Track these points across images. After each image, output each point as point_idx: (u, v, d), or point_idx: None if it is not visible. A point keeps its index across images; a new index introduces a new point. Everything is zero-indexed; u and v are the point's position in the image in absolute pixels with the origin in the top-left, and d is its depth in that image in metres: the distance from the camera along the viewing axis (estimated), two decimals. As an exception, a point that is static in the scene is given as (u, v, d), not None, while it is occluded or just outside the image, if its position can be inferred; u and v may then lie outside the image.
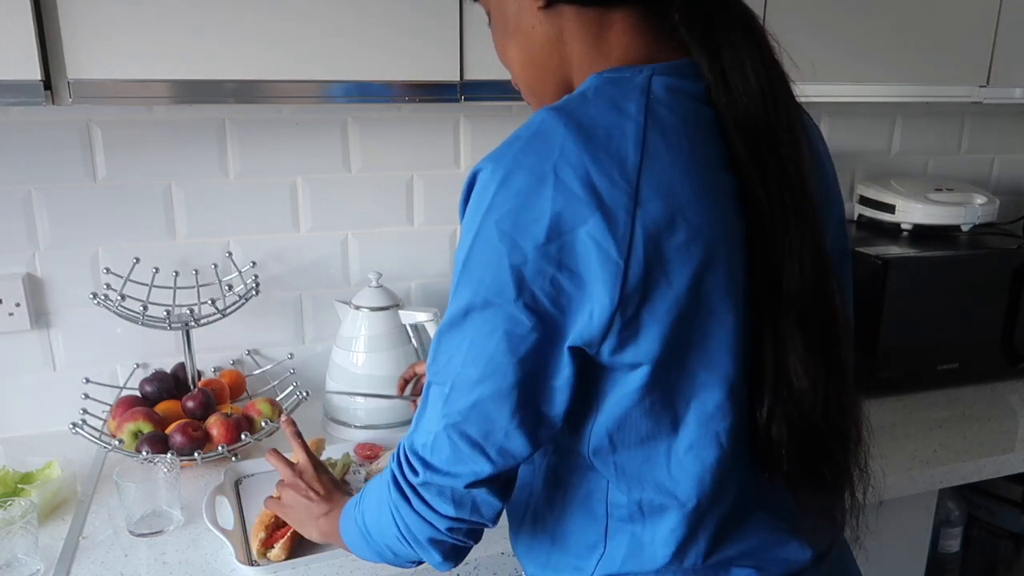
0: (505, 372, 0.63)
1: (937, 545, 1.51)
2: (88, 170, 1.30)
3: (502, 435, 0.65)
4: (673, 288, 0.62)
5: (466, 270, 0.63)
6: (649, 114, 0.62)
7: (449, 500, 0.69)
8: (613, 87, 0.65)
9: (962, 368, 1.54)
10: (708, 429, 0.67)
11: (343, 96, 1.10)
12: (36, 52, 0.93)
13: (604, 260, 0.60)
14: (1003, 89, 1.47)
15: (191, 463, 1.18)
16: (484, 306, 0.62)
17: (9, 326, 1.30)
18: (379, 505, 0.75)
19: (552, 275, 0.60)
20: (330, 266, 1.47)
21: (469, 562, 1.00)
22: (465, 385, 0.64)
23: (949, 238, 1.59)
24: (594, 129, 0.61)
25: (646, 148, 0.61)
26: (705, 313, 0.64)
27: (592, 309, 0.61)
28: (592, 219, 0.59)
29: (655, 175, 0.61)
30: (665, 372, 0.64)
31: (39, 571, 0.97)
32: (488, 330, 0.62)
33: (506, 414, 0.64)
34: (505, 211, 0.60)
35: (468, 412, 0.65)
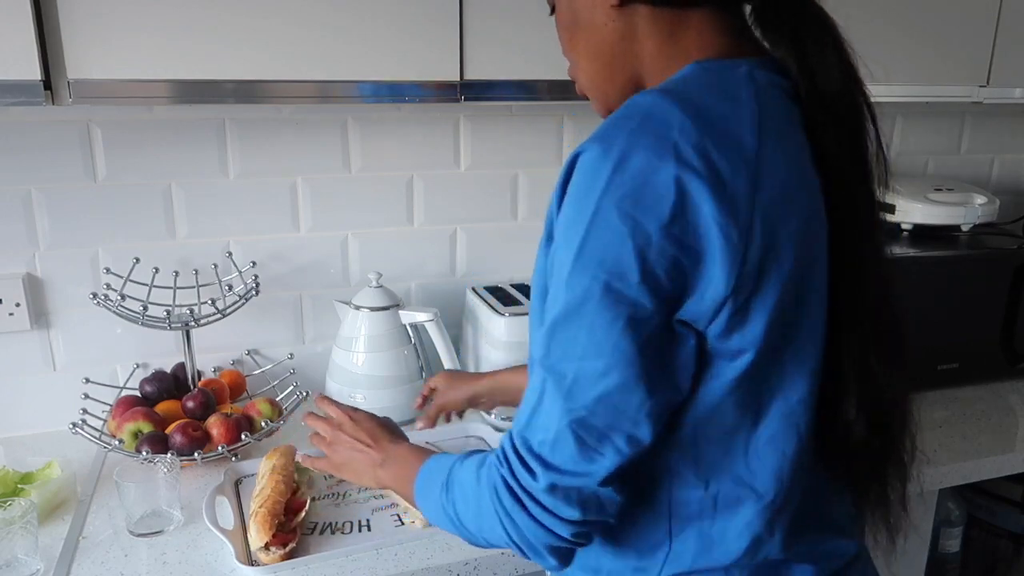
0: (631, 360, 0.60)
1: (937, 545, 1.51)
2: (88, 170, 1.30)
3: (630, 425, 0.62)
4: (781, 276, 0.63)
5: (583, 255, 0.60)
6: (759, 102, 0.63)
7: (575, 503, 0.64)
8: (715, 76, 0.66)
9: (962, 368, 1.54)
10: (790, 421, 0.67)
11: (343, 96, 1.10)
12: (36, 52, 0.93)
13: (725, 242, 0.59)
14: (1003, 89, 1.47)
15: (191, 463, 1.18)
16: (605, 292, 0.60)
17: (9, 326, 1.30)
18: (479, 506, 0.70)
19: (674, 255, 0.59)
20: (330, 266, 1.47)
21: (469, 562, 1.00)
22: (589, 377, 0.61)
23: (949, 238, 1.59)
24: (709, 112, 0.61)
25: (762, 134, 0.62)
26: (800, 304, 0.65)
27: (706, 291, 0.61)
28: (716, 200, 0.59)
29: (771, 162, 0.62)
30: (764, 362, 0.65)
31: (39, 571, 0.97)
32: (610, 317, 0.60)
33: (635, 403, 0.62)
34: (625, 191, 0.59)
35: (594, 405, 0.62)
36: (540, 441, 0.65)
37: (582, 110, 1.55)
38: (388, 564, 0.99)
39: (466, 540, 0.76)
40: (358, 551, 1.00)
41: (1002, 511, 1.60)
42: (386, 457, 0.91)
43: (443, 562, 0.99)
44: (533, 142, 1.54)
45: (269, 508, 1.00)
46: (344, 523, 1.07)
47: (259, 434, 1.23)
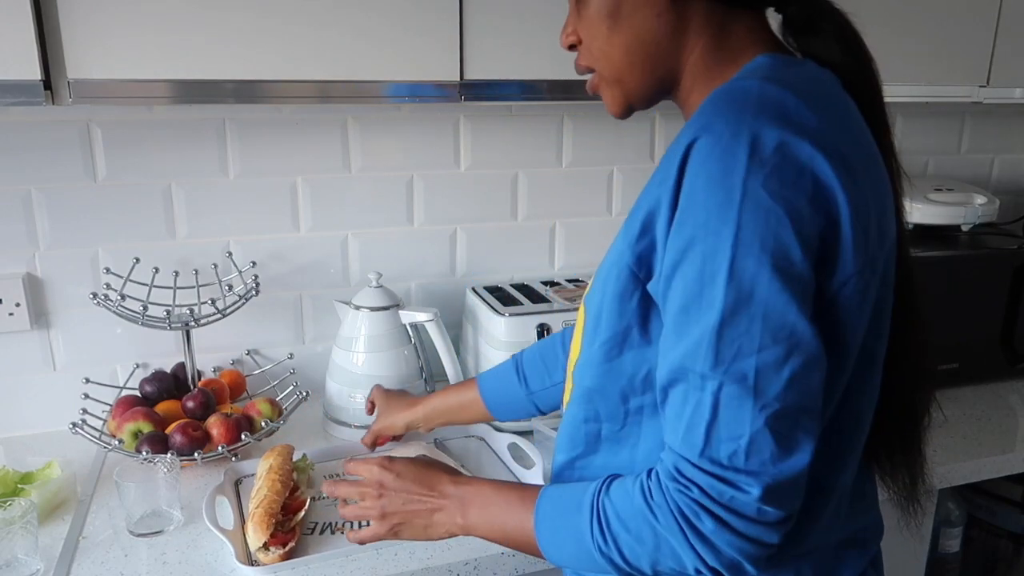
0: (810, 339, 0.59)
1: (937, 545, 1.51)
2: (88, 170, 1.30)
3: (817, 403, 0.62)
4: (882, 261, 0.66)
5: (741, 242, 0.58)
6: (843, 95, 0.68)
7: (785, 501, 0.62)
8: (793, 68, 0.68)
9: (962, 368, 1.54)
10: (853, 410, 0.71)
11: (343, 96, 1.10)
12: (36, 52, 0.93)
13: (853, 221, 0.61)
14: (1003, 89, 1.47)
15: (191, 463, 1.18)
16: (774, 274, 0.58)
17: (9, 326, 1.30)
18: (657, 541, 0.64)
19: (822, 228, 0.60)
20: (330, 266, 1.47)
21: (469, 562, 1.00)
22: (773, 367, 0.59)
23: (949, 238, 1.59)
24: (815, 98, 0.63)
25: (857, 123, 0.67)
26: (885, 294, 0.69)
27: (843, 267, 0.62)
28: (843, 179, 0.60)
29: (868, 146, 0.67)
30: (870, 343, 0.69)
31: (39, 571, 0.97)
32: (785, 300, 0.58)
33: (817, 381, 0.61)
34: (769, 170, 0.58)
35: (785, 394, 0.59)
36: (732, 453, 0.61)
37: (582, 110, 1.55)
38: (388, 564, 0.99)
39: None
40: (358, 551, 1.00)
41: (1002, 511, 1.60)
42: (461, 501, 0.78)
43: (443, 562, 0.99)
44: (533, 142, 1.54)
45: (266, 508, 1.00)
46: (344, 523, 1.07)
47: (259, 434, 1.23)
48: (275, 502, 1.01)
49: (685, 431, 0.63)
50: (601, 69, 0.75)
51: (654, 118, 1.61)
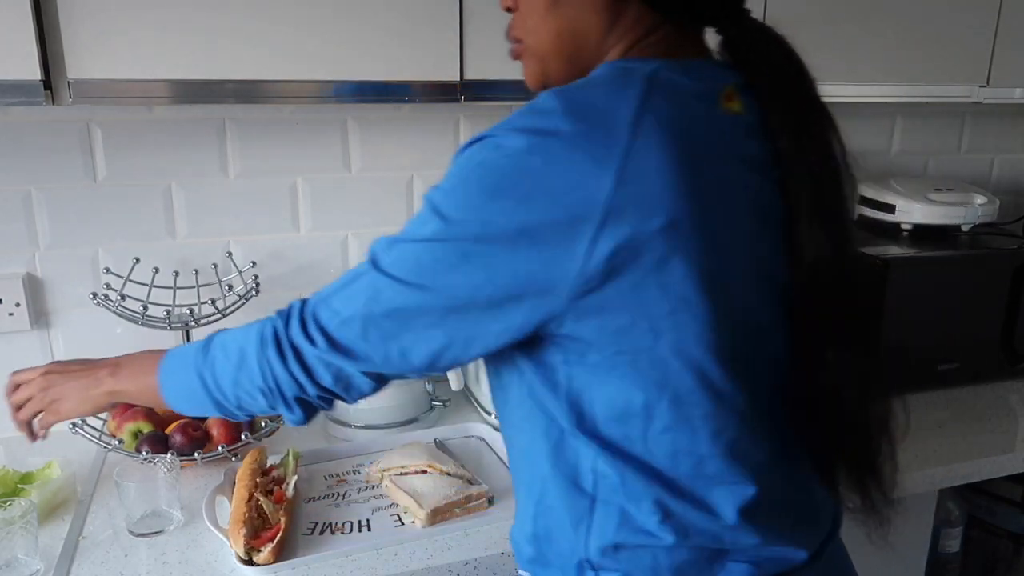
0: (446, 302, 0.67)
1: (937, 545, 1.51)
2: (88, 170, 1.30)
3: (410, 345, 0.69)
4: (641, 269, 0.63)
5: (466, 192, 0.67)
6: (646, 101, 0.63)
7: (331, 374, 0.72)
8: (619, 74, 0.67)
9: (962, 368, 1.54)
10: (684, 415, 0.70)
11: (343, 96, 1.10)
12: (36, 52, 0.93)
13: (579, 232, 0.61)
14: (1003, 89, 1.47)
15: (191, 463, 1.18)
16: (453, 232, 0.65)
17: (9, 326, 1.30)
18: (242, 358, 0.76)
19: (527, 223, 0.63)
20: (330, 266, 1.47)
21: (469, 562, 1.00)
22: (398, 291, 0.67)
23: (949, 238, 1.59)
24: (589, 111, 0.63)
25: (637, 132, 0.62)
26: (671, 299, 0.65)
27: (558, 272, 0.63)
28: (561, 190, 0.61)
29: (641, 160, 0.61)
30: (635, 352, 0.67)
31: (39, 571, 0.97)
32: (439, 252, 0.66)
33: (421, 327, 0.68)
34: (497, 176, 0.64)
35: (389, 314, 0.68)
36: (329, 317, 0.71)
37: (582, 110, 1.54)
38: (388, 564, 0.99)
39: (214, 408, 0.80)
40: (358, 551, 1.00)
41: (1002, 511, 1.60)
42: (115, 367, 0.88)
43: (443, 562, 0.99)
44: (533, 142, 1.53)
45: (233, 519, 1.00)
46: (344, 523, 1.07)
47: (259, 434, 1.23)
48: (239, 509, 1.01)
49: (328, 285, 0.75)
50: (529, 43, 0.77)
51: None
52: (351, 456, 1.26)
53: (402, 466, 1.15)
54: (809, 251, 0.69)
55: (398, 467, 1.15)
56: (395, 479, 1.13)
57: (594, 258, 0.61)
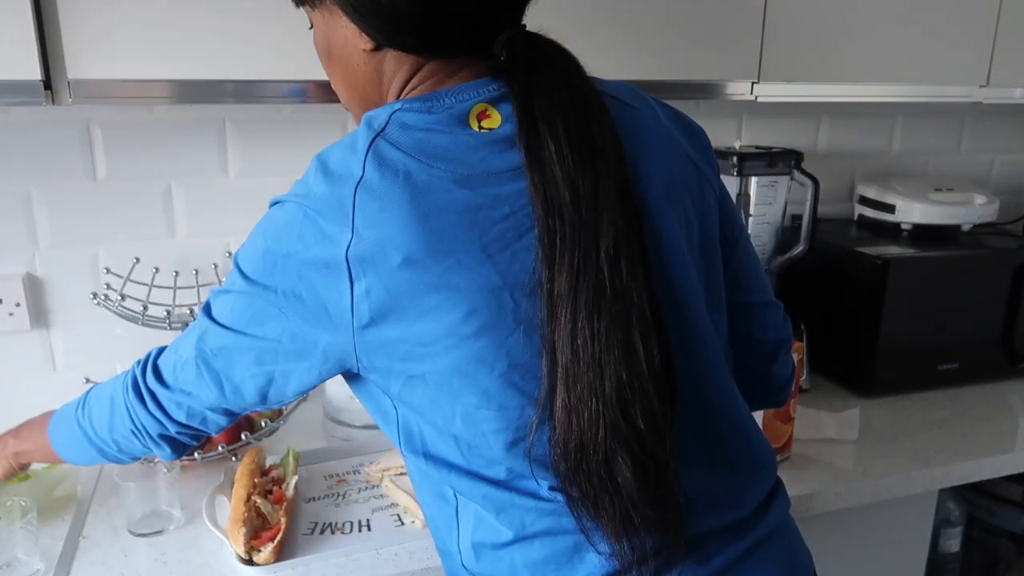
0: (251, 339, 0.74)
1: (937, 545, 1.51)
2: (88, 170, 1.30)
3: (238, 383, 0.76)
4: (399, 304, 0.67)
5: (267, 242, 0.73)
6: (371, 151, 0.68)
7: (183, 411, 0.80)
8: (362, 126, 0.72)
9: (962, 368, 1.54)
10: (476, 428, 0.71)
11: (343, 96, 1.10)
12: (36, 52, 0.93)
13: (339, 280, 0.67)
14: (1003, 89, 1.47)
15: (191, 463, 1.18)
16: (248, 284, 0.73)
17: (9, 326, 1.30)
18: (112, 402, 0.84)
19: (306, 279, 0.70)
20: (330, 266, 1.47)
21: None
22: (219, 334, 0.75)
23: (949, 238, 1.60)
24: (329, 170, 0.70)
25: (363, 182, 0.67)
26: (440, 323, 0.67)
27: (336, 315, 0.70)
28: (317, 248, 0.68)
29: (368, 208, 0.66)
30: (411, 384, 0.72)
31: (39, 571, 0.97)
32: (244, 304, 0.73)
33: (241, 370, 0.75)
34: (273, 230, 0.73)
35: (217, 352, 0.76)
36: (173, 361, 0.80)
37: (582, 110, 1.54)
38: (388, 564, 0.99)
39: (99, 455, 0.89)
40: (358, 551, 1.00)
41: (1002, 511, 1.60)
42: (16, 432, 0.99)
43: (443, 562, 0.99)
44: (533, 142, 1.53)
45: (233, 519, 1.00)
46: (344, 523, 1.07)
47: (259, 434, 1.23)
48: (237, 510, 1.01)
49: (178, 336, 0.84)
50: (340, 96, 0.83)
51: (654, 118, 1.60)
52: (351, 456, 1.26)
53: (402, 466, 1.15)
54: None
55: (398, 467, 1.15)
56: (395, 479, 1.13)
57: (357, 299, 0.67)
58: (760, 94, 1.29)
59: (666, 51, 1.22)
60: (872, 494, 1.21)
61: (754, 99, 1.29)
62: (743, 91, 1.28)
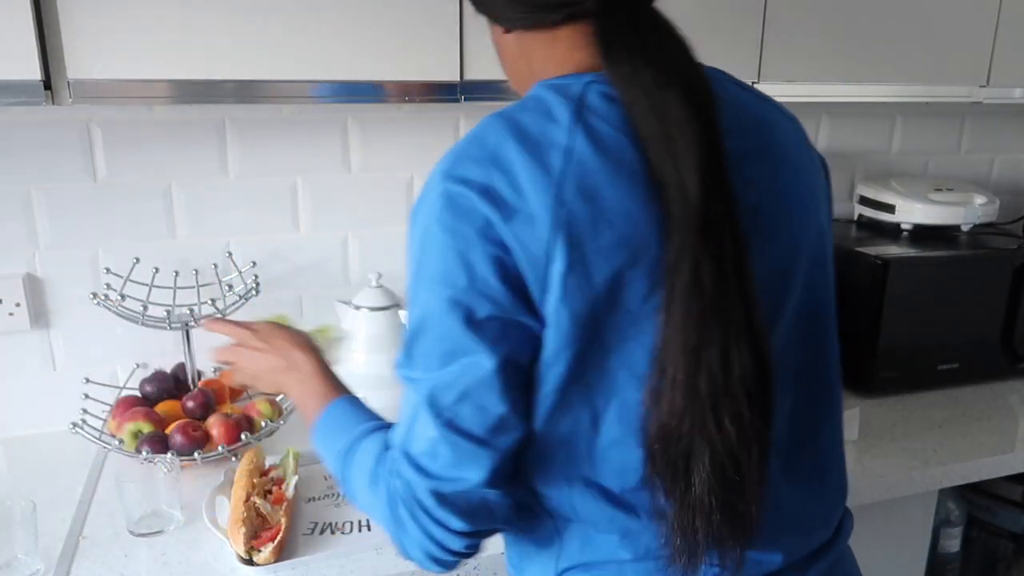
0: (479, 360, 0.64)
1: (937, 545, 1.51)
2: (88, 170, 1.30)
3: (496, 419, 0.66)
4: (592, 286, 0.64)
5: (418, 274, 0.67)
6: (578, 120, 0.66)
7: (462, 512, 0.67)
8: (550, 94, 0.69)
9: (962, 368, 1.54)
10: (630, 427, 0.68)
11: (343, 96, 1.10)
12: (36, 52, 0.93)
13: (528, 259, 0.63)
14: (1003, 89, 1.47)
15: (191, 463, 1.18)
16: (442, 302, 0.65)
17: (9, 326, 1.30)
18: (373, 501, 0.73)
19: (497, 256, 0.64)
20: (330, 266, 1.47)
21: (469, 561, 1.00)
22: (447, 383, 0.66)
23: (949, 238, 1.59)
24: (526, 133, 0.66)
25: (572, 155, 0.65)
26: (624, 314, 0.66)
27: (532, 293, 0.65)
28: (513, 218, 0.63)
29: (580, 180, 0.64)
30: (583, 367, 0.67)
31: (39, 571, 0.97)
32: (450, 324, 0.65)
33: (495, 400, 0.65)
34: (439, 212, 0.66)
35: (456, 407, 0.66)
36: (420, 452, 0.67)
37: (582, 110, 1.54)
38: (388, 564, 0.99)
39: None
40: (358, 551, 1.00)
41: (1002, 511, 1.60)
42: (284, 364, 0.91)
43: (443, 562, 0.99)
44: (533, 142, 1.54)
45: (232, 519, 1.00)
46: (344, 523, 1.07)
47: (259, 434, 1.23)
48: (237, 510, 1.01)
49: (399, 421, 0.71)
50: None
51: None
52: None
53: (402, 466, 1.15)
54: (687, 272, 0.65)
55: (398, 467, 1.15)
56: (395, 479, 1.12)
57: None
58: (760, 94, 1.29)
59: (666, 51, 1.22)
60: (872, 494, 1.21)
61: (754, 99, 1.29)
62: (743, 91, 1.28)
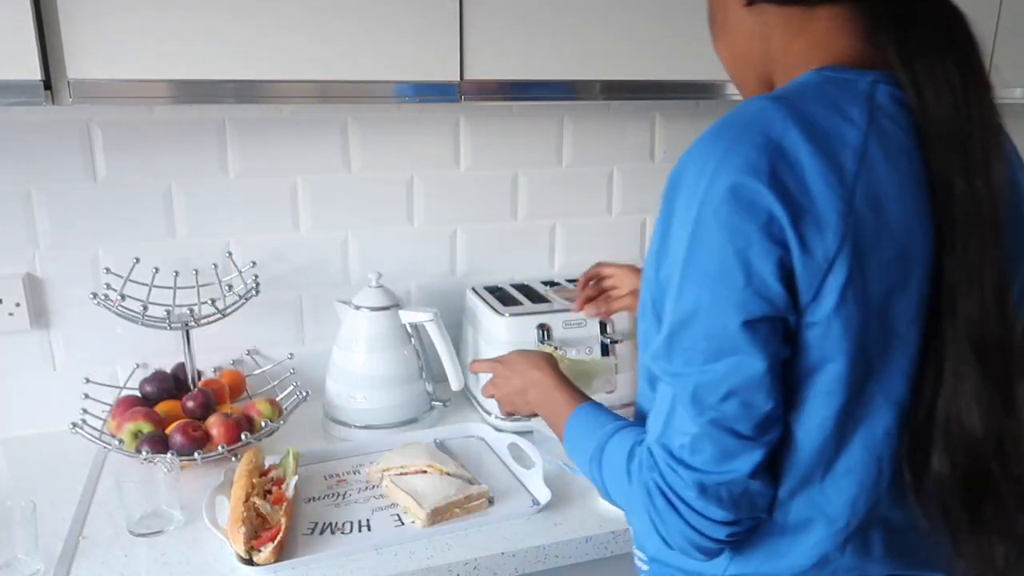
0: (750, 358, 0.62)
1: (937, 545, 1.50)
2: (88, 170, 1.30)
3: (761, 415, 0.64)
4: (867, 301, 0.62)
5: (688, 266, 0.63)
6: (872, 124, 0.62)
7: (726, 502, 0.65)
8: (835, 88, 0.65)
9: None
10: (873, 454, 0.67)
11: (343, 96, 1.10)
12: (36, 52, 0.93)
13: (808, 262, 0.60)
14: (1003, 89, 1.47)
15: (191, 463, 1.18)
16: (715, 297, 0.62)
17: (9, 326, 1.30)
18: (630, 498, 0.71)
19: (779, 256, 0.60)
20: (330, 266, 1.47)
21: (469, 562, 1.00)
22: (713, 381, 0.63)
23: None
24: (815, 127, 0.61)
25: (865, 158, 0.61)
26: (891, 335, 0.64)
27: (802, 294, 0.62)
28: (801, 219, 0.60)
29: (870, 187, 0.61)
30: (842, 384, 0.64)
31: (39, 571, 0.97)
32: (725, 321, 0.62)
33: (762, 398, 0.63)
34: (718, 203, 0.60)
35: (722, 405, 0.63)
36: (680, 446, 0.66)
37: (582, 110, 1.55)
38: (388, 564, 0.99)
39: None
40: (358, 551, 1.00)
41: (1002, 511, 1.60)
42: (526, 384, 0.97)
43: (443, 562, 0.99)
44: (533, 142, 1.54)
45: (232, 519, 1.00)
46: (344, 523, 1.07)
47: (259, 434, 1.23)
48: (236, 510, 1.01)
49: (654, 416, 0.70)
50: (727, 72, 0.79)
51: (654, 118, 1.61)
52: (351, 456, 1.26)
53: (402, 466, 1.15)
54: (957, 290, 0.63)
55: (398, 467, 1.15)
56: (395, 479, 1.13)
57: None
58: (760, 94, 1.29)
59: (666, 51, 1.22)
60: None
61: (754, 99, 1.30)
62: (743, 91, 1.28)
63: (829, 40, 0.68)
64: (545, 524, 1.07)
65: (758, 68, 0.72)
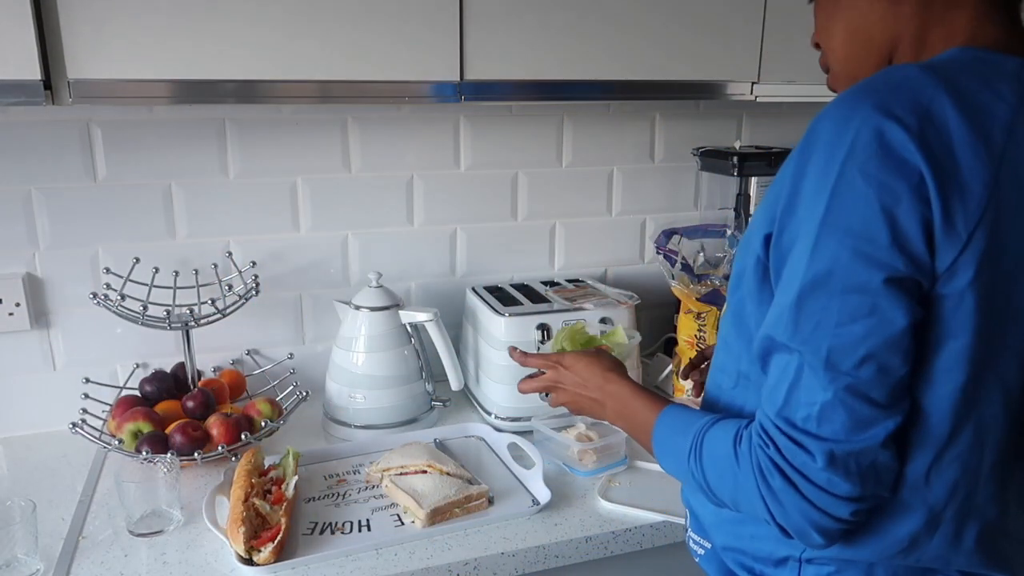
0: (891, 319, 0.60)
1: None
2: (88, 170, 1.30)
3: (898, 382, 0.62)
4: (997, 280, 0.61)
5: (827, 223, 0.61)
6: (1022, 103, 0.62)
7: (854, 475, 0.62)
8: (983, 66, 0.64)
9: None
10: (979, 438, 0.66)
11: (343, 96, 1.10)
12: (36, 52, 0.93)
13: (948, 230, 0.59)
14: None
15: (191, 463, 1.18)
16: (854, 257, 0.60)
17: (9, 326, 1.30)
18: (737, 483, 0.69)
19: (925, 216, 0.59)
20: (330, 266, 1.47)
21: (469, 562, 1.00)
22: (848, 344, 0.61)
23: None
24: (965, 97, 0.61)
25: (1013, 134, 0.61)
26: (1010, 316, 0.63)
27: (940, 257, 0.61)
28: (948, 185, 0.59)
29: (1016, 164, 0.61)
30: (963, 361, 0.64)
31: (39, 571, 0.97)
32: (864, 281, 0.60)
33: (898, 363, 0.61)
34: (866, 157, 0.59)
35: (857, 371, 0.61)
36: (805, 417, 0.63)
37: (582, 110, 1.55)
38: (388, 564, 0.99)
39: (709, 501, 0.76)
40: (358, 551, 1.00)
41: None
42: (603, 396, 0.91)
43: (443, 562, 0.99)
44: (533, 142, 1.54)
45: (232, 519, 1.00)
46: (344, 523, 1.07)
47: (259, 434, 1.23)
48: (236, 510, 1.01)
49: (771, 391, 0.66)
50: (827, 55, 0.77)
51: (654, 118, 1.60)
52: (351, 456, 1.26)
53: (402, 466, 1.15)
54: None
55: (398, 467, 1.15)
56: (395, 479, 1.13)
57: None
58: (760, 94, 1.29)
59: (666, 51, 1.22)
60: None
61: (754, 99, 1.30)
62: (743, 91, 1.28)
63: (971, 27, 0.68)
64: (545, 524, 1.08)
65: (882, 50, 0.71)
